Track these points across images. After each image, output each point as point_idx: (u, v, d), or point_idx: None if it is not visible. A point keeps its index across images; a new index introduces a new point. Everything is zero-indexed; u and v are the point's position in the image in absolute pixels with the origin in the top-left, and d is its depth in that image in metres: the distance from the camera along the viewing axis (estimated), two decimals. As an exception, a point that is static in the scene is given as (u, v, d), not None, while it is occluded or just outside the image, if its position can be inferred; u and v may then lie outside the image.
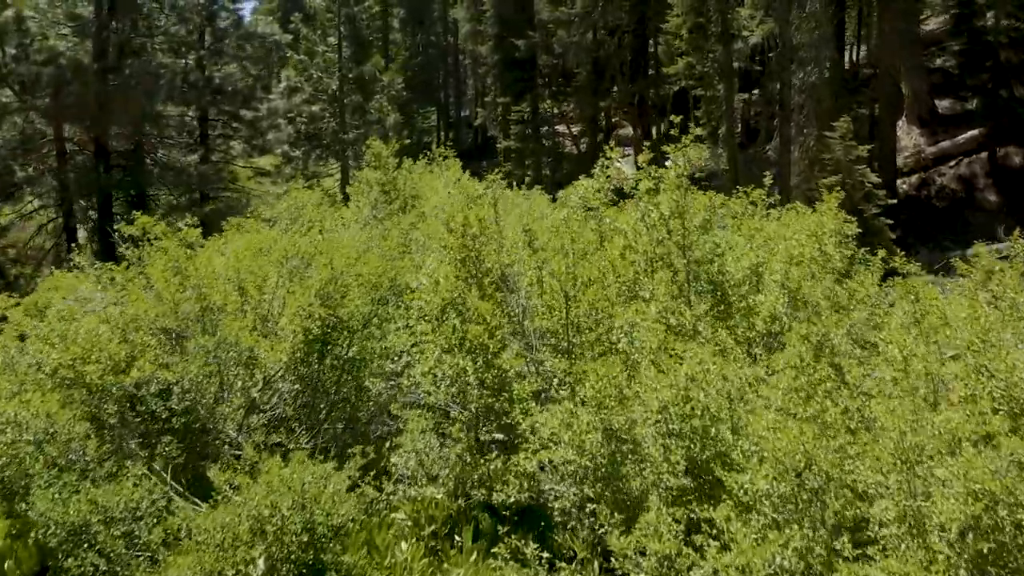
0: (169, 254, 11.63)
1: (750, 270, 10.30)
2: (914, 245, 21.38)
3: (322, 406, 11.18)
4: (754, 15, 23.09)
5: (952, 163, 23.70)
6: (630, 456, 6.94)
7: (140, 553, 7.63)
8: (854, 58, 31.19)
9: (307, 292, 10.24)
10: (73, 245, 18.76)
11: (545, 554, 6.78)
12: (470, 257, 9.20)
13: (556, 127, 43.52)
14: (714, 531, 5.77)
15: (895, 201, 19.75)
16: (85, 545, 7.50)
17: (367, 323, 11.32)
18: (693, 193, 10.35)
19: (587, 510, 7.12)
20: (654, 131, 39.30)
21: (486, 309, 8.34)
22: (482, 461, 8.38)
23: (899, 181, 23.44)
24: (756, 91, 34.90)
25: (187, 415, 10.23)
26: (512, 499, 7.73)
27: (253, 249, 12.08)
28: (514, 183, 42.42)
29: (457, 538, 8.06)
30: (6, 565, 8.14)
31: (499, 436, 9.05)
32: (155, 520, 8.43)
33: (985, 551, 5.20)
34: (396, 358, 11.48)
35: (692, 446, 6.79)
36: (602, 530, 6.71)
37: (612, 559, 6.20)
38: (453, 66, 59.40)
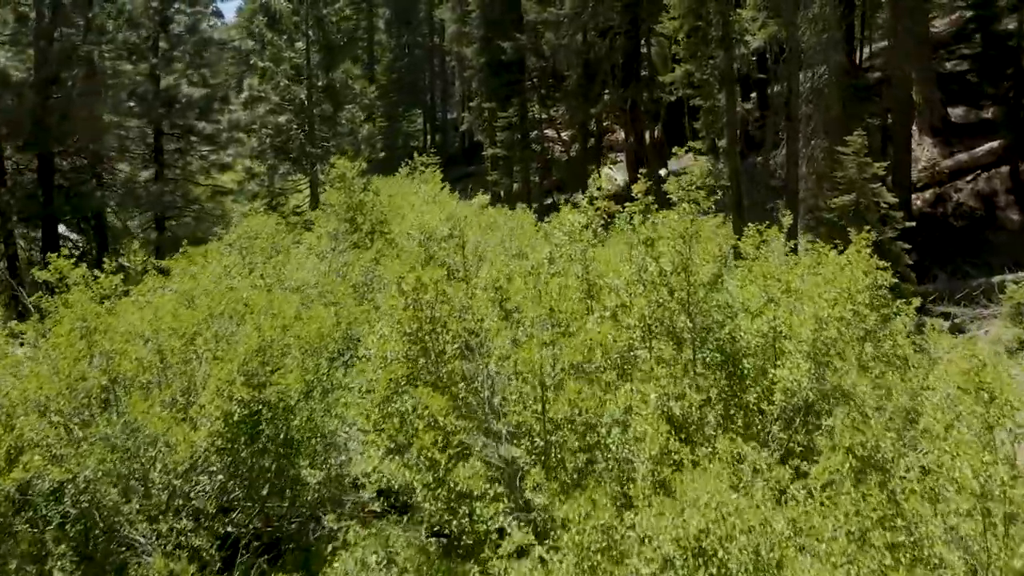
0: (77, 310, 9.83)
1: (769, 332, 8.55)
2: (931, 269, 19.66)
3: (261, 482, 9.40)
4: (756, 17, 21.31)
5: (969, 177, 21.98)
6: (624, 630, 5.17)
7: None
8: (857, 61, 29.47)
9: (227, 367, 8.43)
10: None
11: None
12: (424, 329, 7.41)
13: (545, 131, 41.73)
14: None
15: (913, 224, 18.02)
16: None
17: (310, 392, 9.55)
18: (699, 237, 8.59)
19: None
20: (647, 136, 37.57)
21: (439, 408, 6.56)
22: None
23: (912, 197, 21.71)
24: (754, 94, 33.14)
25: (85, 519, 8.43)
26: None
27: (176, 304, 10.29)
28: (501, 192, 40.74)
29: None
30: None
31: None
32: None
33: None
34: (347, 430, 9.73)
35: (708, 623, 5.02)
36: None
37: None
38: (440, 67, 57.54)
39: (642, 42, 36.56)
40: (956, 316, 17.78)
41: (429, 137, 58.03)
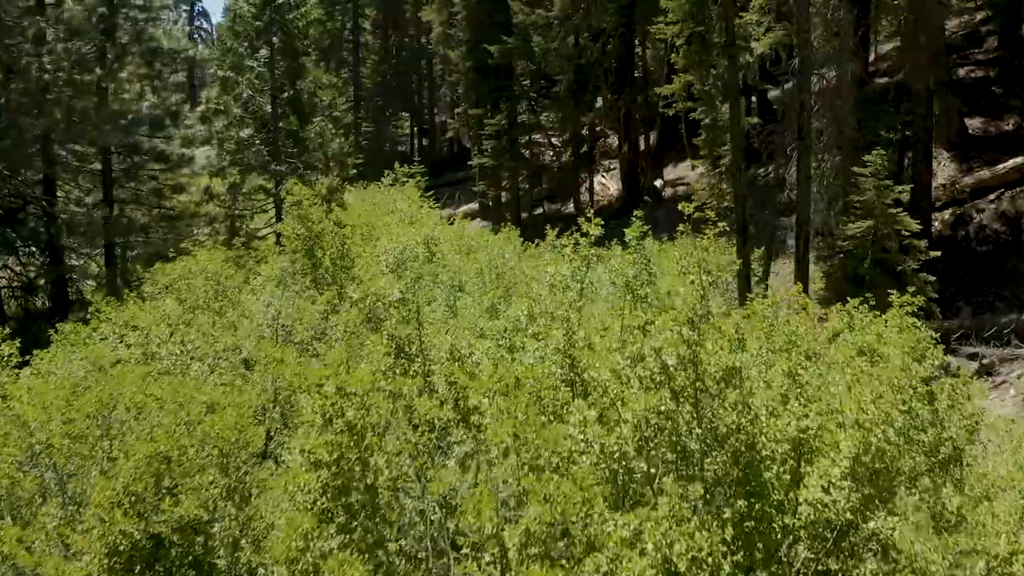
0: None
1: (796, 437, 6.79)
2: (954, 300, 17.90)
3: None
4: (761, 20, 19.52)
5: (992, 197, 20.21)
6: None
7: None
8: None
9: (111, 486, 6.63)
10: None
11: None
12: (348, 457, 5.62)
13: (535, 137, 39.76)
14: None
15: (938, 253, 16.27)
16: None
17: (230, 494, 7.76)
18: (710, 315, 6.82)
19: None
20: (642, 142, 35.75)
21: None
22: None
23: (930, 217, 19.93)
24: (754, 98, 31.29)
25: None
26: None
27: (73, 387, 8.48)
28: (490, 202, 38.86)
29: None
30: None
31: None
32: None
33: None
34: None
35: None
36: None
37: None
38: (428, 70, 55.56)
39: (637, 45, 34.77)
40: (984, 356, 16.05)
41: (417, 141, 56.15)
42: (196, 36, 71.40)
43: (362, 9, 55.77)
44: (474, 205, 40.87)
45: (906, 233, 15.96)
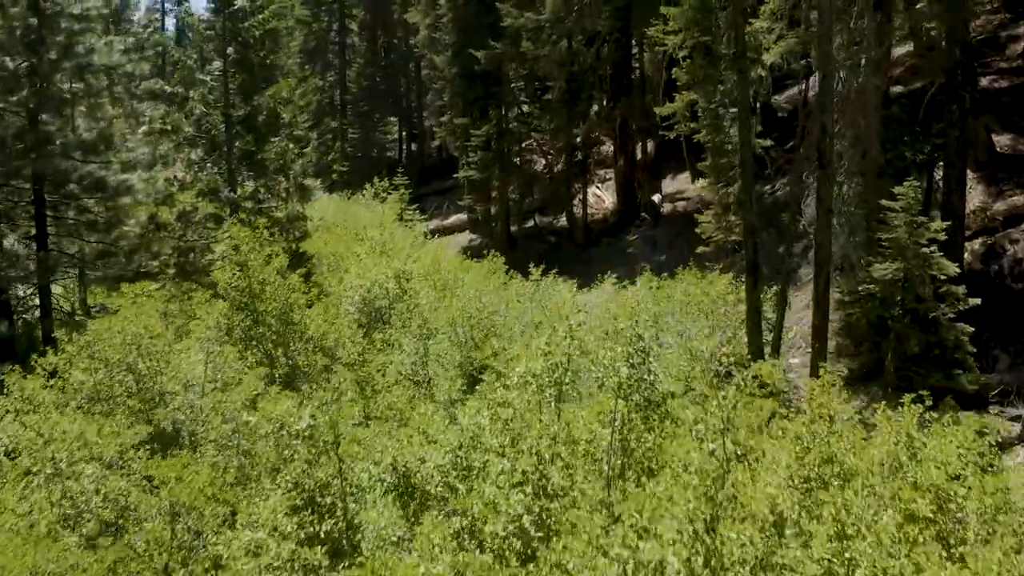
0: None
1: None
2: (989, 348, 15.78)
3: None
4: (772, 27, 17.47)
5: (1027, 225, 18.16)
6: None
7: None
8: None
9: None
10: None
11: None
12: None
13: (526, 143, 37.55)
14: None
15: (978, 301, 14.23)
16: None
17: None
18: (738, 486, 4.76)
19: None
20: (639, 151, 33.66)
21: None
22: None
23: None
24: (757, 104, 29.25)
25: None
26: None
27: None
28: (478, 216, 36.72)
29: None
30: None
31: None
32: None
33: None
34: None
35: None
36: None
37: None
38: (416, 73, 53.37)
39: (634, 47, 32.64)
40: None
41: (405, 147, 54.04)
42: (190, 38, 69.13)
43: (348, 10, 53.62)
44: (462, 216, 38.80)
45: (942, 278, 13.91)
